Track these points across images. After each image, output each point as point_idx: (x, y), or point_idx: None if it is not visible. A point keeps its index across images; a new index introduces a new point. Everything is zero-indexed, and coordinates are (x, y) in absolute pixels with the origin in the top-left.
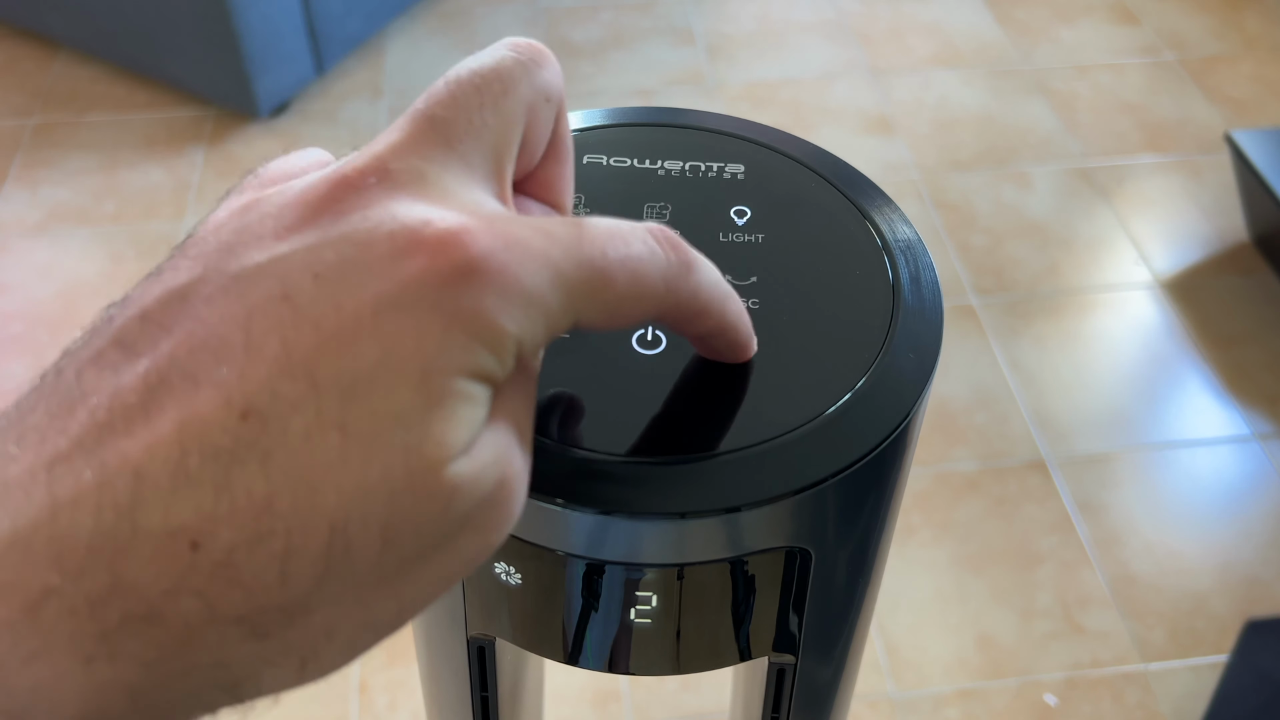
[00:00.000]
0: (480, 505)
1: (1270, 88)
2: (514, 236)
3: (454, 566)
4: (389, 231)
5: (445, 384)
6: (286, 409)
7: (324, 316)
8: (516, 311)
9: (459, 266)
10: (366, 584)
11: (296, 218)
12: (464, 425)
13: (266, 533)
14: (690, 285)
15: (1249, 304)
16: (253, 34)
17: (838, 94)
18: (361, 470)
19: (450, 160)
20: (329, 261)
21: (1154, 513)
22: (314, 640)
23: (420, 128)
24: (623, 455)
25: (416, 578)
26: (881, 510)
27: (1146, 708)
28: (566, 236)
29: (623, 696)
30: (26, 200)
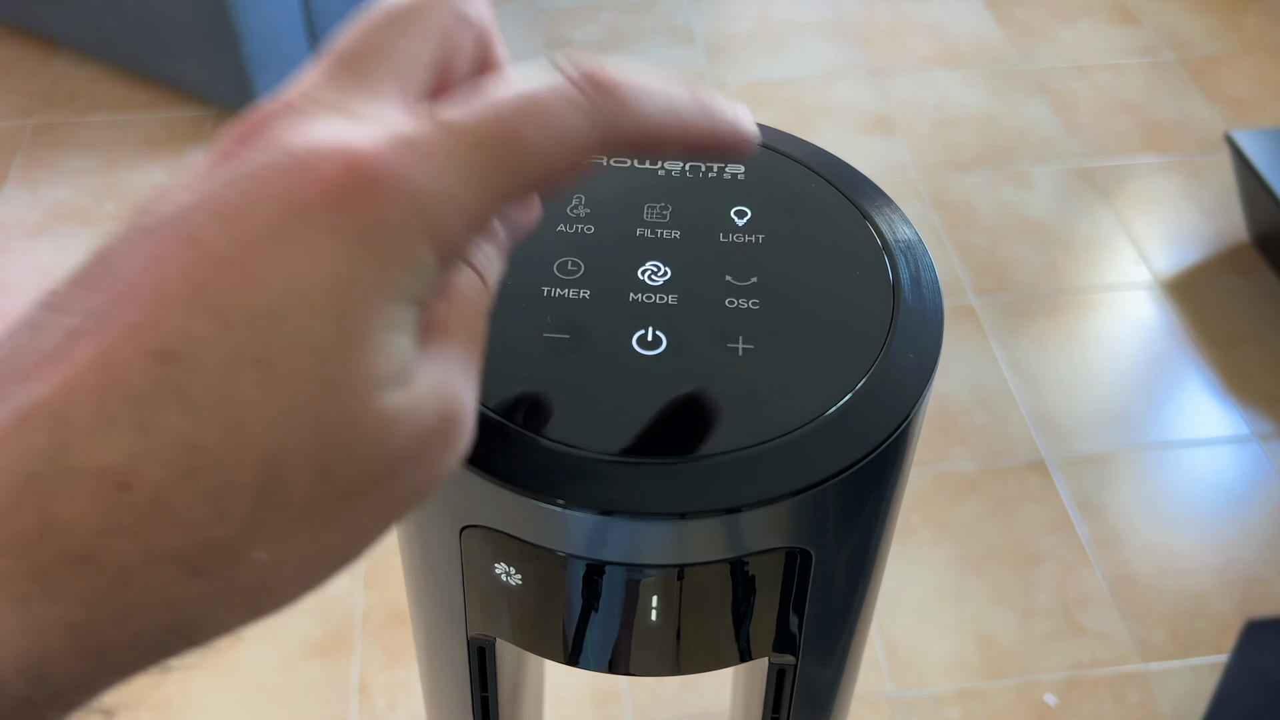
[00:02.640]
0: (422, 438)
1: (1270, 88)
2: (407, 139)
3: (400, 498)
4: (282, 162)
5: (361, 312)
6: (200, 348)
7: (227, 253)
8: (424, 219)
9: (350, 183)
10: (307, 517)
11: (207, 166)
12: (389, 354)
13: (196, 469)
14: (628, 117)
15: (1249, 304)
16: (253, 34)
17: (838, 94)
18: (286, 405)
19: (354, 87)
20: (229, 200)
21: (1154, 513)
22: (259, 576)
23: (327, 61)
24: (623, 455)
25: (361, 510)
26: (881, 510)
27: (1146, 708)
28: (465, 118)
29: (623, 696)
30: (26, 200)
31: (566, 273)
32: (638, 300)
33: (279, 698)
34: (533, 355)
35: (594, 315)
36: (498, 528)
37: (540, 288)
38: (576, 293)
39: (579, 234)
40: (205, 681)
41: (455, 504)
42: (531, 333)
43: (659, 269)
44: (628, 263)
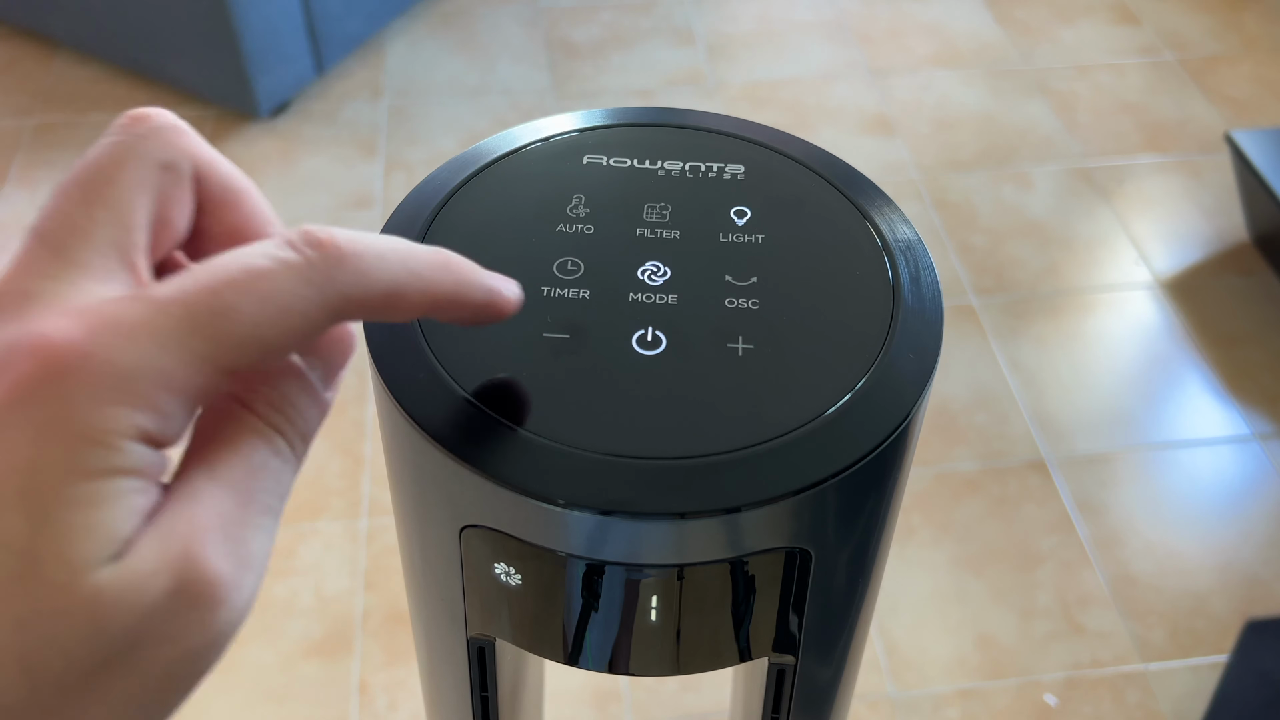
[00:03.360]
0: (151, 616)
1: (1270, 88)
2: (106, 318)
3: (149, 682)
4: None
5: (49, 496)
6: None
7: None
8: (117, 395)
9: (42, 374)
10: (28, 718)
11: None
12: (91, 532)
13: None
14: (350, 275)
15: (1249, 304)
16: (253, 34)
17: (838, 94)
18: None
19: (59, 269)
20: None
21: (1154, 513)
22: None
23: (29, 247)
24: (623, 455)
25: (98, 700)
26: (881, 510)
27: (1146, 708)
28: (169, 292)
29: (623, 696)
30: (26, 200)
31: (566, 273)
32: (638, 300)
33: (279, 698)
34: (533, 355)
35: (594, 315)
36: (498, 528)
37: (540, 288)
38: (576, 293)
39: (579, 234)
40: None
41: (455, 504)
42: (531, 333)
43: (659, 269)
44: (628, 263)
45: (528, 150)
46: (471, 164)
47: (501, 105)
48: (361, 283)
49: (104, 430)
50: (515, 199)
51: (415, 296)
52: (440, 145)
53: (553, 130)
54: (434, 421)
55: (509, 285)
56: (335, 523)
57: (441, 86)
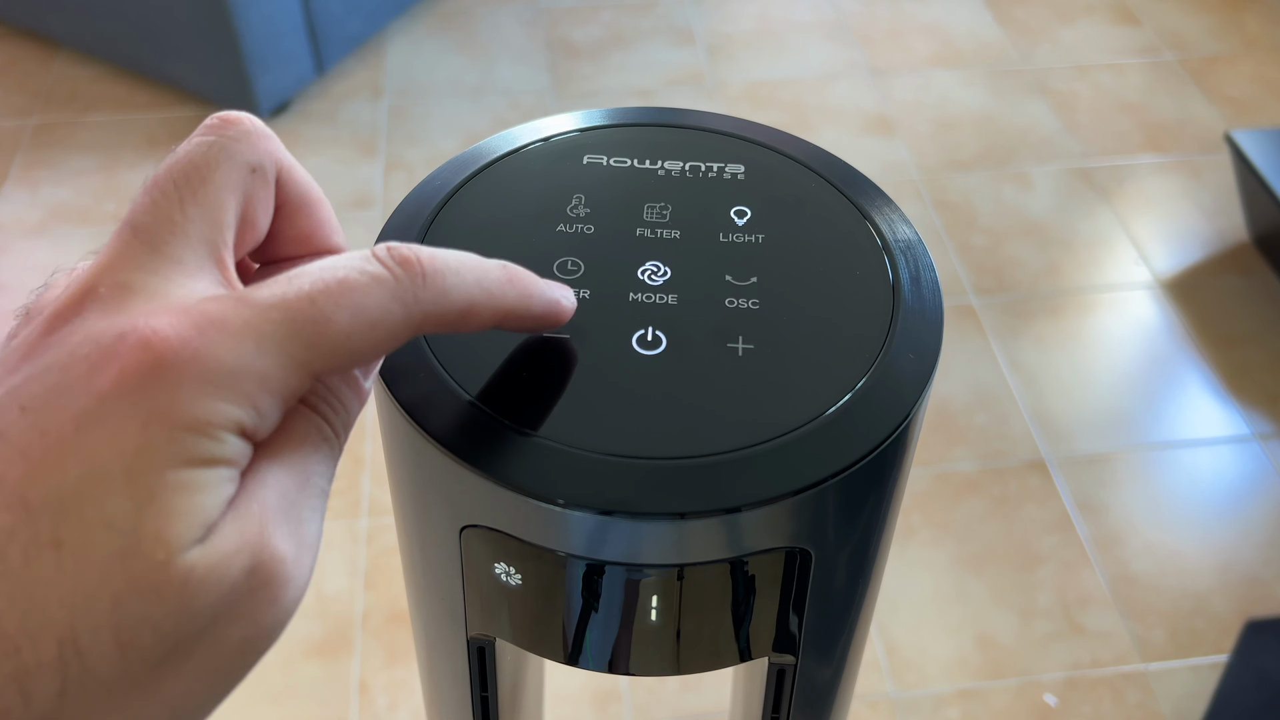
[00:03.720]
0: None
1: (1270, 88)
2: (208, 317)
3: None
4: (86, 352)
5: (154, 480)
6: (3, 537)
7: (31, 444)
8: (220, 391)
9: (150, 366)
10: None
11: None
12: (187, 516)
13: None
14: (433, 293)
15: (1249, 304)
16: (253, 34)
17: (838, 94)
18: (80, 580)
19: (156, 263)
20: (34, 393)
21: (1154, 513)
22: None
23: (125, 239)
24: (623, 455)
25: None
26: (881, 510)
27: (1146, 708)
28: (270, 297)
29: (623, 696)
30: (26, 200)
31: (566, 273)
32: (638, 300)
33: (279, 698)
34: (533, 355)
35: (594, 315)
36: (498, 528)
37: None
38: (577, 293)
39: (579, 234)
40: None
41: (455, 504)
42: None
43: (659, 269)
44: (628, 263)
45: (528, 150)
46: (471, 164)
47: (501, 105)
48: (442, 301)
49: (206, 422)
50: (515, 199)
51: (486, 312)
52: (440, 145)
53: (553, 130)
54: (434, 422)
55: (567, 294)
56: (335, 523)
57: (441, 86)
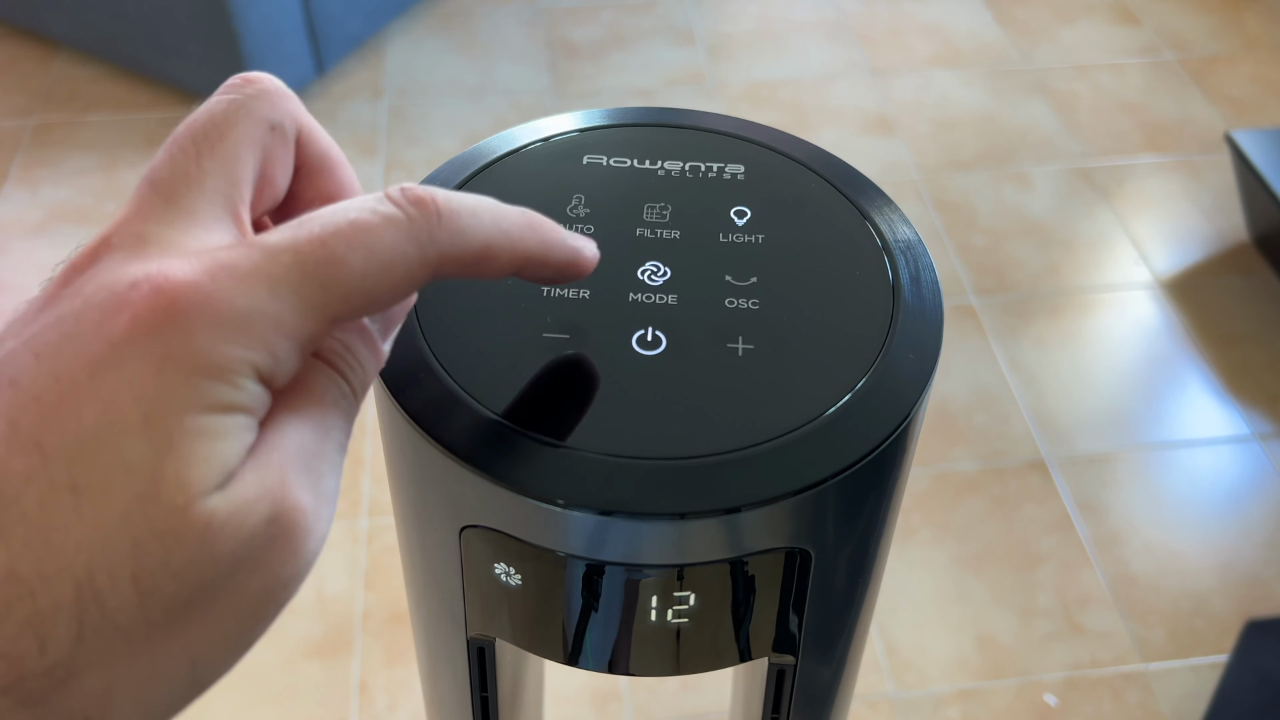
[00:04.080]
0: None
1: (1270, 88)
2: (223, 263)
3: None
4: (100, 300)
5: (173, 424)
6: (19, 482)
7: (45, 390)
8: (235, 335)
9: (164, 311)
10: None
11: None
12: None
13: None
14: (449, 234)
15: (1249, 304)
16: (253, 34)
17: (838, 94)
18: (97, 524)
19: (171, 215)
20: (48, 340)
21: (1154, 513)
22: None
23: (142, 193)
24: (623, 455)
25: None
26: (881, 510)
27: (1146, 708)
28: (281, 240)
29: (623, 696)
30: (26, 200)
31: None
32: (638, 300)
33: (279, 698)
34: (533, 355)
35: (594, 315)
36: (498, 528)
37: (540, 288)
38: (576, 293)
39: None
40: None
41: (455, 504)
42: (531, 333)
43: (659, 269)
44: (628, 263)
45: (528, 150)
46: (471, 164)
47: (501, 105)
48: (458, 241)
49: (223, 367)
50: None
51: (505, 255)
52: (440, 145)
53: (553, 130)
54: (434, 422)
55: (589, 245)
56: (336, 523)
57: (441, 86)
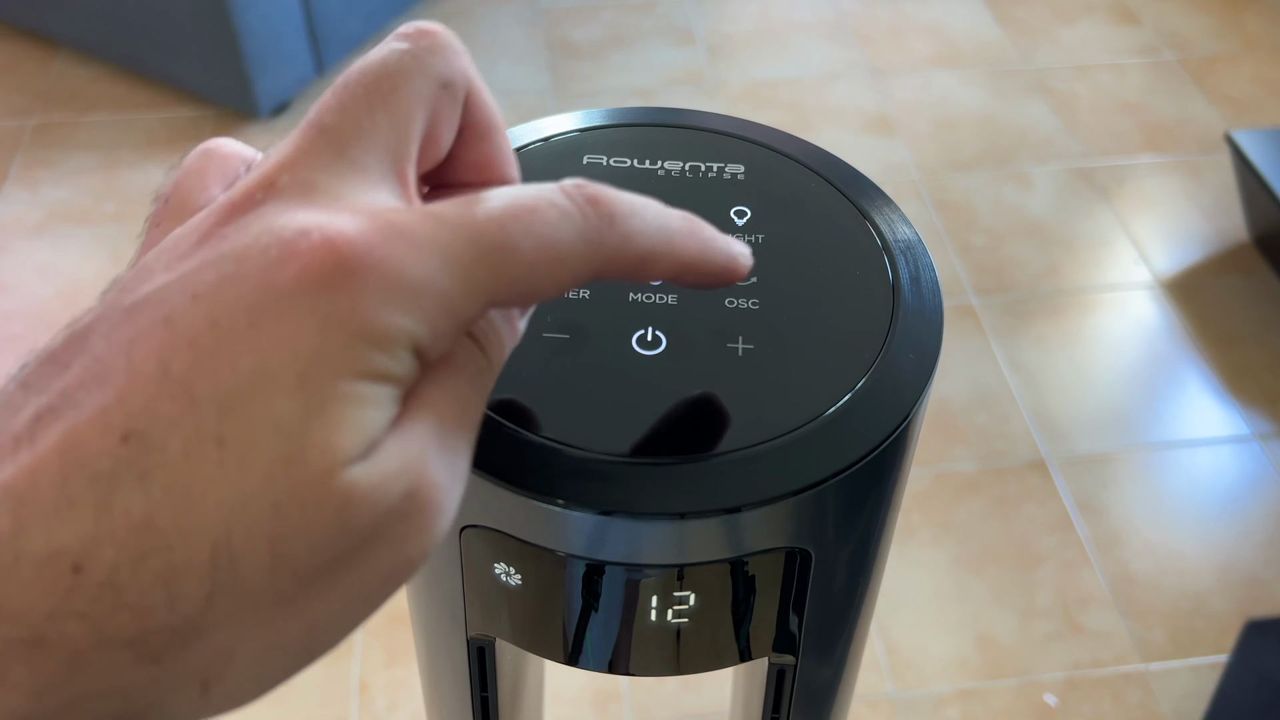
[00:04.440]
0: (387, 517)
1: (1270, 88)
2: (397, 227)
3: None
4: (265, 244)
5: (327, 387)
6: (165, 428)
7: (201, 334)
8: (402, 304)
9: (333, 268)
10: (263, 601)
11: (188, 245)
12: (355, 429)
13: (148, 551)
14: (617, 238)
15: (1249, 304)
16: (253, 34)
17: (838, 94)
18: (240, 482)
19: (340, 166)
20: (208, 281)
21: (1154, 513)
22: (213, 663)
23: (310, 137)
24: (623, 455)
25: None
26: (881, 510)
27: (1146, 708)
28: (458, 216)
29: (623, 696)
30: (26, 200)
31: None
32: (637, 300)
33: (279, 698)
34: (533, 355)
35: (594, 315)
36: (498, 528)
37: None
38: (576, 292)
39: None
40: None
41: None
42: (531, 333)
43: None
44: None
45: (528, 150)
46: None
47: (502, 105)
48: (625, 245)
49: (385, 335)
50: None
51: (665, 262)
52: None
53: (553, 130)
54: None
55: (744, 251)
56: None
57: None
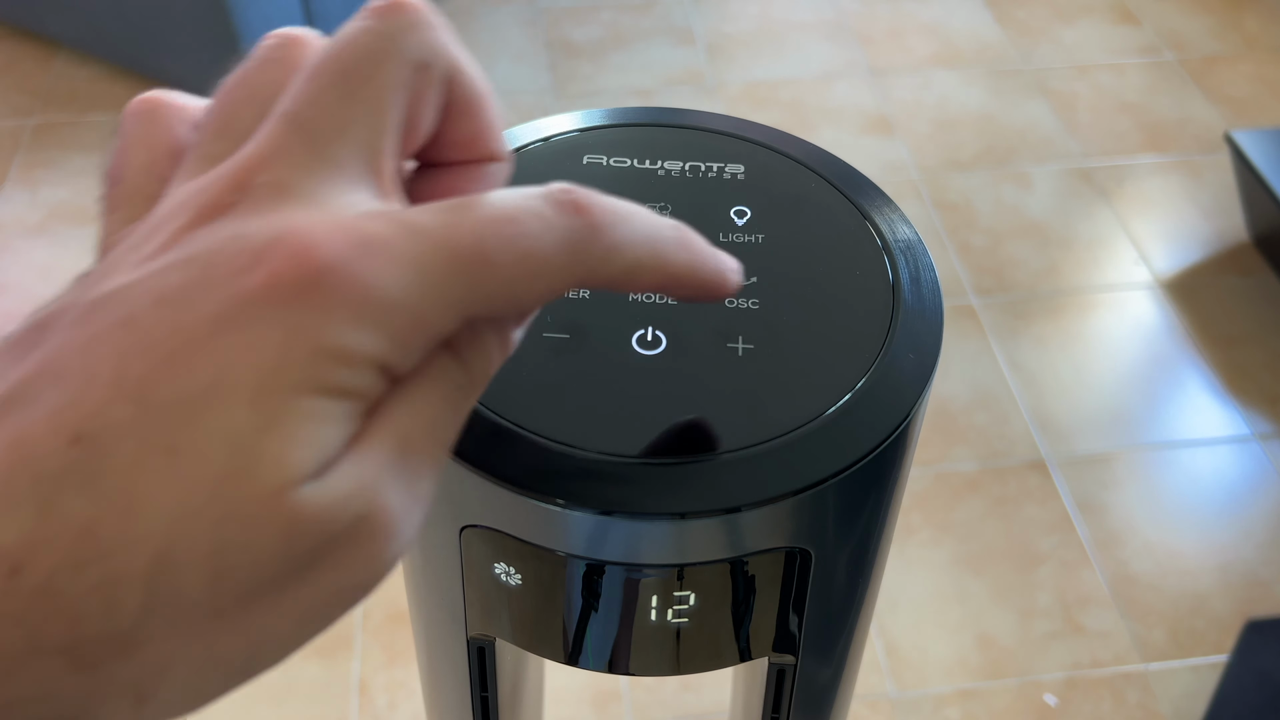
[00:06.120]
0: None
1: (1270, 88)
2: (370, 239)
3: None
4: (235, 250)
5: (285, 402)
6: (117, 433)
7: (161, 339)
8: (370, 320)
9: (301, 279)
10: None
11: (156, 245)
12: (308, 447)
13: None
14: (603, 248)
15: (1249, 304)
16: (253, 34)
17: (838, 94)
18: (186, 493)
19: (315, 164)
20: (173, 284)
21: (1154, 513)
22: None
23: (282, 132)
24: (623, 455)
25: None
26: (881, 510)
27: (1146, 708)
28: (434, 227)
29: (623, 696)
30: (26, 200)
31: None
32: (637, 300)
33: (279, 698)
34: (533, 355)
35: (594, 315)
36: (498, 528)
37: None
38: (576, 292)
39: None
40: None
41: (455, 504)
42: (531, 333)
43: None
44: None
45: (528, 150)
46: None
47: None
48: (610, 256)
49: (350, 351)
50: None
51: (652, 275)
52: None
53: (553, 130)
54: None
55: (734, 266)
56: None
57: None
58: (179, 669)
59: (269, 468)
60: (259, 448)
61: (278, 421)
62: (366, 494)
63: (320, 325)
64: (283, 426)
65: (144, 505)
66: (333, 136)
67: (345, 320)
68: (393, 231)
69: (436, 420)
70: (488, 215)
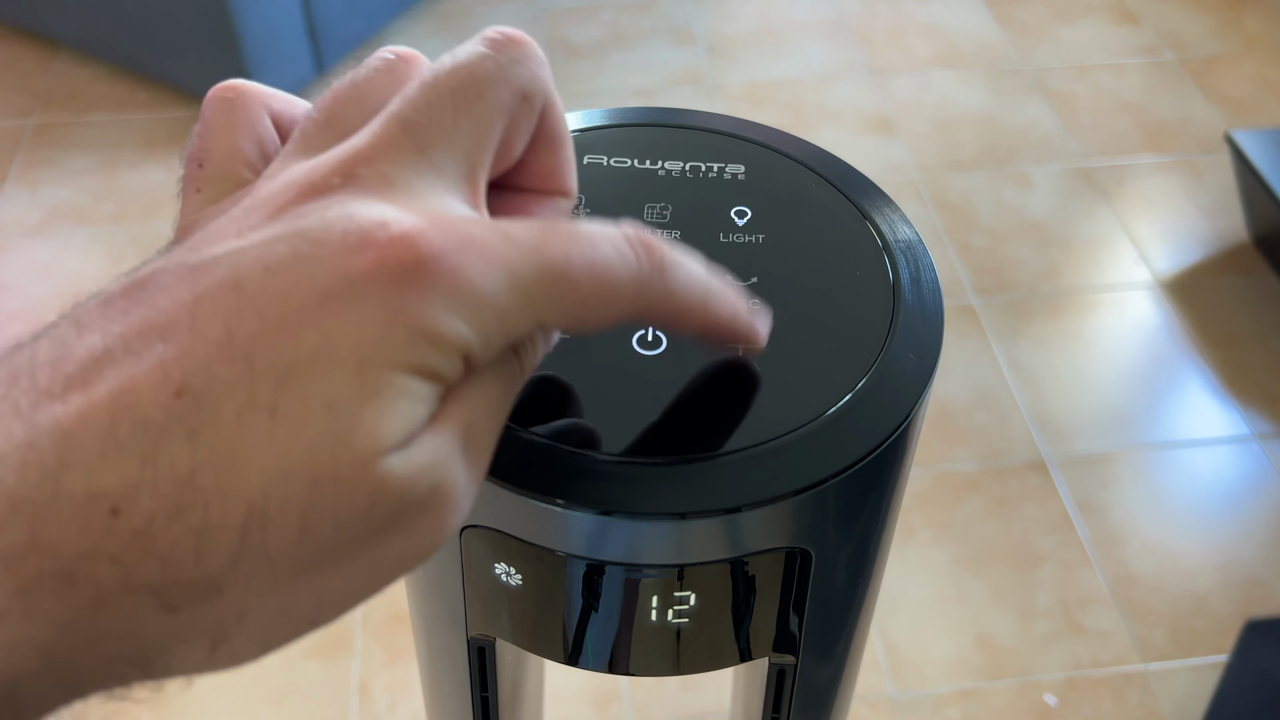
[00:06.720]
0: (410, 508)
1: (1270, 88)
2: (471, 239)
3: (379, 567)
4: (344, 229)
5: (382, 376)
6: (221, 389)
7: (269, 305)
8: (465, 312)
9: (408, 266)
10: (282, 570)
11: (261, 217)
12: (399, 419)
13: (186, 505)
14: (663, 288)
15: (1249, 304)
16: (253, 34)
17: (838, 94)
18: (285, 452)
19: (420, 165)
20: (281, 255)
21: (1154, 513)
22: (225, 621)
23: (392, 132)
24: (623, 455)
25: (337, 571)
26: (881, 510)
27: (1146, 708)
28: (528, 239)
29: (623, 696)
30: (26, 200)
31: None
32: None
33: (279, 698)
34: None
35: None
36: (498, 528)
37: None
38: None
39: None
40: (205, 681)
41: None
42: None
43: None
44: None
45: None
46: None
47: None
48: (668, 296)
49: (444, 337)
50: None
51: (698, 319)
52: None
53: None
54: None
55: (765, 325)
56: None
57: None
58: (253, 618)
59: (364, 436)
60: (357, 416)
61: (375, 394)
62: (441, 468)
63: (421, 309)
64: (379, 399)
65: (243, 461)
66: (440, 143)
67: (444, 308)
68: (490, 235)
69: (495, 407)
70: (575, 238)
